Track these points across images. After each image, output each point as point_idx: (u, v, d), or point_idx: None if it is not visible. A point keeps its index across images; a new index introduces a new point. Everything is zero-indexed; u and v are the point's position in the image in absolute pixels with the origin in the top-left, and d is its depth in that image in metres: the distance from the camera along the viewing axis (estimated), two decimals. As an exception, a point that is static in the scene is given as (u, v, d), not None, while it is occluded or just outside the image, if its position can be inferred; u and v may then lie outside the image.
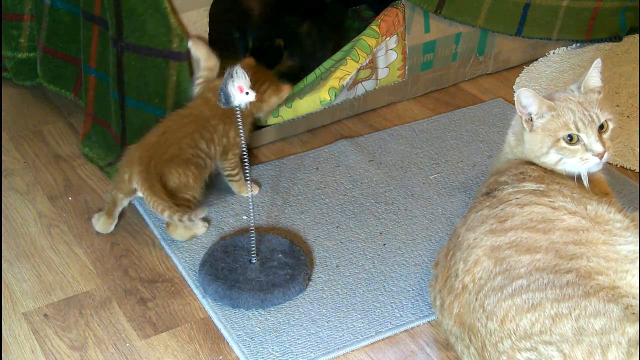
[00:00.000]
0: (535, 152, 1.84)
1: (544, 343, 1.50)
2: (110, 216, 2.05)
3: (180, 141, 2.01)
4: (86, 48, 2.30)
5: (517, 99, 1.82)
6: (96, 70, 2.29)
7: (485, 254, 1.66)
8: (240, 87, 1.77)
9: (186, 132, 2.03)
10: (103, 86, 2.28)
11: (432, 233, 2.05)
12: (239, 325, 1.81)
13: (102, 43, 2.23)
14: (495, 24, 2.55)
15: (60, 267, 1.98)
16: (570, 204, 1.71)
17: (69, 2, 2.35)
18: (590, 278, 1.57)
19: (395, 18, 2.38)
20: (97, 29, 2.23)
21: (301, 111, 2.29)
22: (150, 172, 1.95)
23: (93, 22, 2.24)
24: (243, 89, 1.78)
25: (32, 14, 2.48)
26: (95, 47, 2.26)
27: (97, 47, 2.26)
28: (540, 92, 2.08)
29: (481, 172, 2.25)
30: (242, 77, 1.77)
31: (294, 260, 1.92)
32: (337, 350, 1.75)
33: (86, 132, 2.35)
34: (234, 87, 1.77)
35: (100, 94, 2.30)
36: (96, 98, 2.32)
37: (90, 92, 2.32)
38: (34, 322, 1.84)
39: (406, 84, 2.54)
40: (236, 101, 1.78)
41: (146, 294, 1.90)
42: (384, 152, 2.34)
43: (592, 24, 2.74)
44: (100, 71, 2.28)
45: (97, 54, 2.27)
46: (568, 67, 2.71)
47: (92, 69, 2.30)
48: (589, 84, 1.85)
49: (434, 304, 1.77)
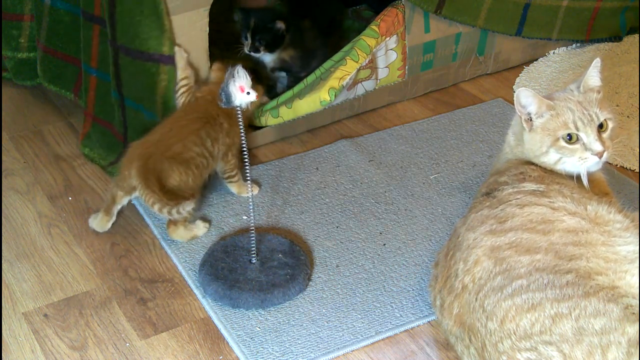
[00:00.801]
0: (534, 152, 1.84)
1: (544, 343, 1.50)
2: (108, 214, 2.05)
3: (185, 138, 2.00)
4: (87, 48, 2.29)
5: (516, 99, 1.82)
6: (97, 70, 2.29)
7: (485, 254, 1.66)
8: (241, 87, 1.77)
9: (192, 129, 2.02)
10: (104, 86, 2.28)
11: (432, 233, 2.05)
12: (239, 325, 1.81)
13: (102, 43, 2.24)
14: (495, 24, 2.55)
15: (60, 267, 1.98)
16: (570, 204, 1.71)
17: (69, 2, 2.35)
18: (589, 278, 1.57)
19: (395, 18, 2.38)
20: (97, 28, 2.24)
21: (301, 111, 2.29)
22: (149, 168, 1.94)
23: (93, 22, 2.24)
24: (244, 89, 1.78)
25: (32, 14, 2.48)
26: (96, 47, 2.26)
27: (97, 47, 2.26)
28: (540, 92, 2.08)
29: (481, 172, 2.25)
30: (243, 77, 1.77)
31: (294, 260, 1.92)
32: (337, 350, 1.75)
33: (86, 133, 2.35)
34: (235, 87, 1.77)
35: (101, 94, 2.30)
36: (97, 98, 2.32)
37: (91, 92, 2.32)
38: (34, 322, 1.84)
39: (406, 84, 2.54)
40: (237, 101, 1.78)
41: (146, 294, 1.90)
42: (384, 152, 2.34)
43: (592, 24, 2.74)
44: (101, 71, 2.28)
45: (98, 54, 2.27)
46: (568, 67, 2.71)
47: (93, 69, 2.30)
48: (588, 83, 1.85)
49: (434, 304, 1.77)
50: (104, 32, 2.21)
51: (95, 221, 2.06)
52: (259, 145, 2.37)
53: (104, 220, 2.05)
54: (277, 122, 2.32)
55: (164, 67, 2.12)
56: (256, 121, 2.33)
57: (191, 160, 2.00)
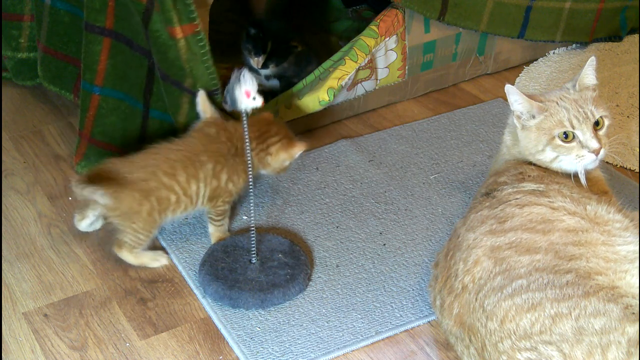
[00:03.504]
0: (530, 150, 1.84)
1: (543, 343, 1.50)
2: (80, 213, 2.01)
3: (157, 167, 1.89)
4: (91, 64, 2.17)
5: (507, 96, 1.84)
6: (102, 88, 2.18)
7: (485, 254, 1.66)
8: (247, 91, 1.73)
9: (167, 159, 1.91)
10: (109, 104, 2.20)
11: (432, 233, 2.05)
12: (239, 325, 1.81)
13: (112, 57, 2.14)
14: (498, 28, 2.55)
15: (60, 267, 1.98)
16: (569, 204, 1.72)
17: (69, 3, 2.34)
18: (589, 278, 1.57)
19: (395, 18, 2.38)
20: (108, 42, 2.14)
21: (301, 111, 2.29)
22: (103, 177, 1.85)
23: (104, 35, 2.13)
24: (250, 94, 1.73)
25: (32, 14, 2.47)
26: (104, 62, 2.16)
27: (106, 62, 2.15)
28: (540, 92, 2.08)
29: (481, 172, 2.25)
30: (249, 82, 1.72)
31: (294, 260, 1.92)
32: (337, 350, 1.75)
33: (82, 155, 2.25)
34: (241, 92, 1.73)
35: (103, 114, 2.21)
36: (97, 118, 2.21)
37: (91, 112, 2.21)
38: (34, 322, 1.84)
39: (406, 84, 2.54)
40: (242, 105, 1.74)
41: (146, 294, 1.90)
42: (384, 152, 2.34)
43: (595, 25, 2.74)
44: (108, 88, 2.18)
45: (105, 69, 2.16)
46: (568, 67, 2.71)
47: (97, 87, 2.18)
48: (583, 81, 1.86)
49: (434, 304, 1.77)
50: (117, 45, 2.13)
51: (75, 222, 2.05)
52: (259, 145, 2.37)
53: (78, 220, 2.03)
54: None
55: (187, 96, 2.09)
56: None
57: (153, 190, 1.88)
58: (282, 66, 2.42)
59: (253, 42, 2.39)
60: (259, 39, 2.38)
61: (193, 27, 2.01)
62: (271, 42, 2.38)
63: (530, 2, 2.55)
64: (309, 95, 2.27)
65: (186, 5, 1.99)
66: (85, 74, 2.19)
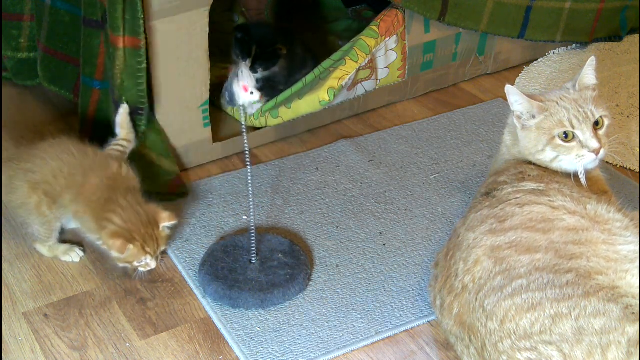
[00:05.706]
0: (530, 150, 1.84)
1: (544, 343, 1.50)
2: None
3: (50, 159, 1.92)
4: (90, 58, 2.20)
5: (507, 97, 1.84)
6: (102, 82, 2.21)
7: (485, 254, 1.66)
8: (245, 86, 1.77)
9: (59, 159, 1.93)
10: (109, 98, 2.21)
11: (432, 233, 2.05)
12: (239, 325, 1.81)
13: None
14: (498, 28, 2.55)
15: (60, 267, 1.98)
16: (570, 203, 1.72)
17: (70, 3, 2.34)
18: (590, 278, 1.57)
19: (395, 18, 2.38)
20: (103, 35, 2.16)
21: (301, 111, 2.29)
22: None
23: (99, 28, 2.16)
24: (248, 89, 1.77)
25: (32, 14, 2.47)
26: (102, 56, 2.18)
27: (104, 56, 2.18)
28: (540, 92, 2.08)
29: (481, 172, 2.25)
30: (247, 77, 1.76)
31: (294, 260, 1.92)
32: (337, 350, 1.75)
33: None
34: (239, 87, 1.77)
35: (104, 108, 2.23)
36: (97, 112, 2.24)
37: (92, 107, 2.24)
38: (34, 322, 1.84)
39: (406, 84, 2.54)
40: (240, 100, 1.78)
41: (146, 294, 1.90)
42: (384, 152, 2.34)
43: (595, 25, 2.74)
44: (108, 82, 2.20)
45: (104, 64, 2.19)
46: (568, 67, 2.71)
47: (97, 81, 2.22)
48: (583, 81, 1.86)
49: (434, 304, 1.77)
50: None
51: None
52: (259, 145, 2.37)
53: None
54: (277, 122, 2.32)
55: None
56: (256, 122, 2.33)
57: (40, 182, 1.91)
58: (273, 70, 2.42)
59: (240, 46, 2.41)
60: (245, 43, 2.40)
61: (136, 42, 2.05)
62: (255, 46, 2.39)
63: (531, 3, 2.55)
64: (309, 95, 2.27)
65: (135, 18, 2.01)
66: (85, 69, 2.23)
